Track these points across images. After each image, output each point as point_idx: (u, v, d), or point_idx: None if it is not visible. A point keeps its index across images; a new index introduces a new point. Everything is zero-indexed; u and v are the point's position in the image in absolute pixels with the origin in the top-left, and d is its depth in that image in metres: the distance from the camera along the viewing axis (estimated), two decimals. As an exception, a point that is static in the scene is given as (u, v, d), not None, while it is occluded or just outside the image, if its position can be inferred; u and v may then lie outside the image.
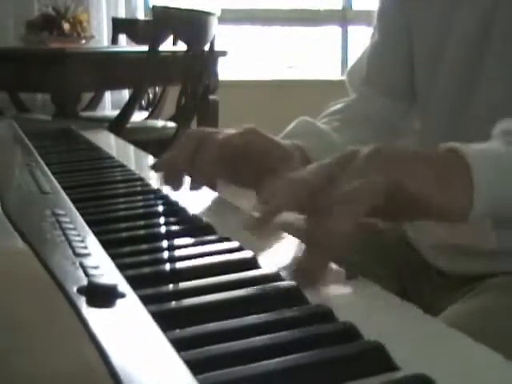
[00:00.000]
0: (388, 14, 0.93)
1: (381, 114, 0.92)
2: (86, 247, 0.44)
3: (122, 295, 0.36)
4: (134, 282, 0.38)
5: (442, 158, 0.54)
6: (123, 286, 0.37)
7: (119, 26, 3.33)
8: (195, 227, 0.56)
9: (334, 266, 0.48)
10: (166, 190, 0.69)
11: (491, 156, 0.54)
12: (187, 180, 0.70)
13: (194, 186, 0.71)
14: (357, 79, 0.97)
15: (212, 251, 0.50)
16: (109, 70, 2.49)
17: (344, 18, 3.95)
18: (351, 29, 3.96)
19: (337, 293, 0.44)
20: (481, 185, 0.52)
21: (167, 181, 0.70)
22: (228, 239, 0.52)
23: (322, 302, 0.40)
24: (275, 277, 0.44)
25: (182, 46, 2.66)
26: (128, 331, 0.32)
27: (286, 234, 0.56)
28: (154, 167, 0.73)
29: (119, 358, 0.29)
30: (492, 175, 0.52)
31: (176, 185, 0.69)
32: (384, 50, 0.94)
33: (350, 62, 1.06)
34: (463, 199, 0.52)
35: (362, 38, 3.86)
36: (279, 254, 0.51)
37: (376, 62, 0.94)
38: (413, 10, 0.87)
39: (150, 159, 0.88)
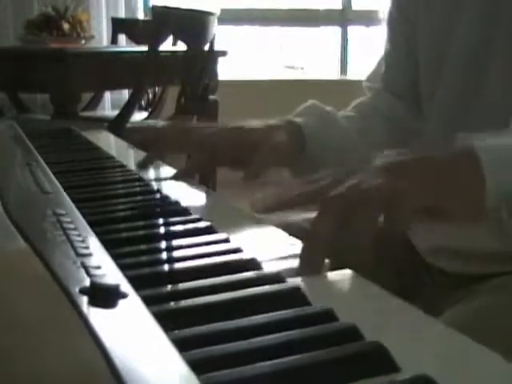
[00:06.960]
0: (394, 23, 0.94)
1: (394, 112, 0.94)
2: (87, 247, 0.44)
3: (124, 295, 0.36)
4: (136, 283, 0.38)
5: (452, 161, 0.55)
6: (125, 286, 0.37)
7: (119, 25, 3.33)
8: (196, 228, 0.56)
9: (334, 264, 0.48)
10: (167, 190, 0.69)
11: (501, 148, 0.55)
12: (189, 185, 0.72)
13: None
14: (374, 84, 0.99)
15: (213, 252, 0.50)
16: (109, 70, 2.49)
17: (344, 17, 3.95)
18: (351, 29, 3.96)
19: (338, 293, 0.44)
20: (491, 179, 0.53)
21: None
22: (228, 240, 0.53)
23: (323, 302, 0.40)
24: (276, 277, 0.44)
25: (182, 46, 2.67)
26: (130, 331, 0.32)
27: (286, 235, 0.56)
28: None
29: (121, 359, 0.29)
30: (500, 167, 0.53)
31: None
32: (394, 58, 0.96)
33: (350, 62, 1.08)
34: (476, 201, 0.53)
35: (361, 37, 3.86)
36: (279, 254, 0.51)
37: (389, 69, 0.97)
38: (416, 13, 0.87)
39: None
